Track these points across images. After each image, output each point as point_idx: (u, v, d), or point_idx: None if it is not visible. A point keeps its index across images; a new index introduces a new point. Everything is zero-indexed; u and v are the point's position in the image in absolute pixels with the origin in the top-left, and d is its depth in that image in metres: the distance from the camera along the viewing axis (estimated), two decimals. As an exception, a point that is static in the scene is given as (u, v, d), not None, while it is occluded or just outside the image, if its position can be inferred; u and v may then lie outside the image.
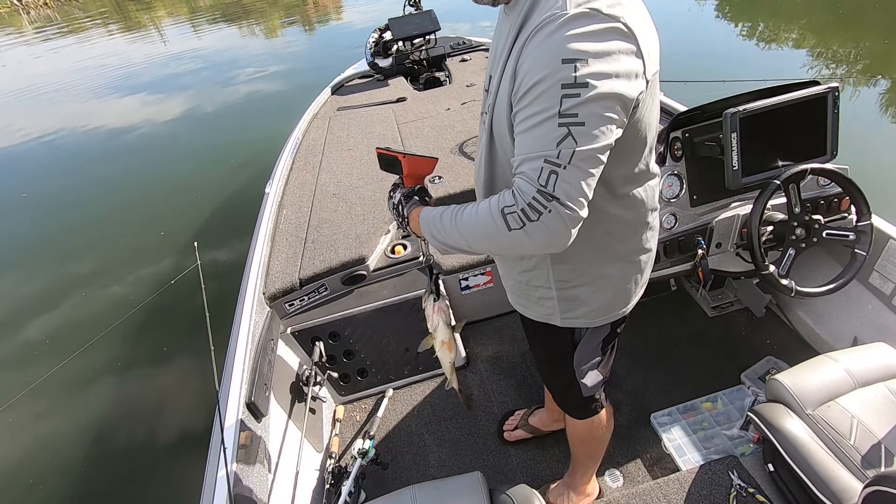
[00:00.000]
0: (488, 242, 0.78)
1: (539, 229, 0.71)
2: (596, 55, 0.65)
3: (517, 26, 0.75)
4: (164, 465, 2.39)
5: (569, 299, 0.98)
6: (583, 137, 0.68)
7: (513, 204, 0.72)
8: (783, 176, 1.37)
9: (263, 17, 13.48)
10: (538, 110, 0.69)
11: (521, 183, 0.72)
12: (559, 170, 0.69)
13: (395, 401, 1.97)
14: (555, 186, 0.69)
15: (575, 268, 0.94)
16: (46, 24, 17.42)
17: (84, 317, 3.53)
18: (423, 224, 0.87)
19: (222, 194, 4.65)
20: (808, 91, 1.41)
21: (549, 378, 1.28)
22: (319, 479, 1.66)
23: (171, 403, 2.72)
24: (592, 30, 0.66)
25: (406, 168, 0.93)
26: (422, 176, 0.97)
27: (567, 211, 0.70)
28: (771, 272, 1.40)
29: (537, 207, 0.70)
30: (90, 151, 6.48)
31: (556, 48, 0.66)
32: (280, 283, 1.90)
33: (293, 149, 2.91)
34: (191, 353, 2.95)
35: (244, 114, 6.90)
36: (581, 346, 1.07)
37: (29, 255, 4.37)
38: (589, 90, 0.66)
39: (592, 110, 0.67)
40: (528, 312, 1.07)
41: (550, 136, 0.68)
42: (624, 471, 1.63)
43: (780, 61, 5.86)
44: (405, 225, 0.94)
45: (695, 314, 2.14)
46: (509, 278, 1.06)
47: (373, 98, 3.56)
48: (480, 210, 0.77)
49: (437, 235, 0.85)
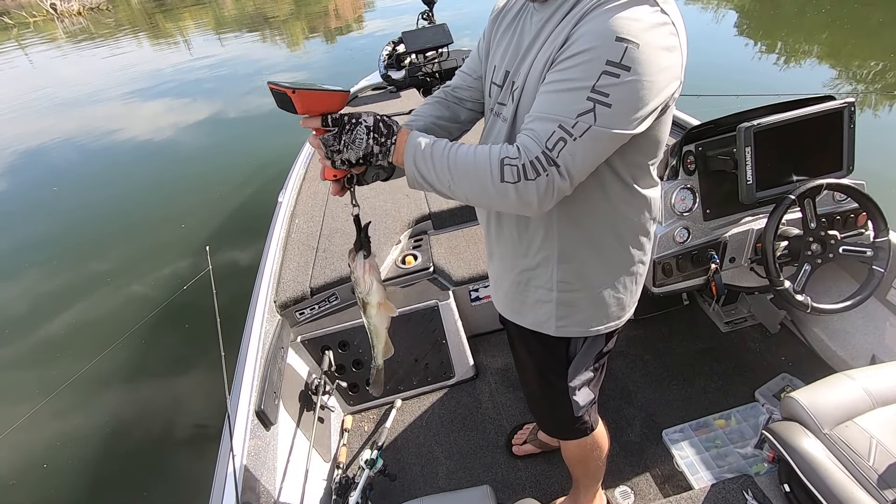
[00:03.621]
0: (472, 185, 0.75)
1: (529, 189, 0.71)
2: (647, 44, 0.66)
3: (563, 12, 0.74)
4: (172, 466, 2.40)
5: (567, 304, 0.96)
6: (604, 118, 0.68)
7: (516, 157, 0.71)
8: (798, 191, 1.36)
9: (287, 28, 13.77)
10: (573, 77, 0.69)
11: (526, 140, 0.72)
12: (569, 139, 0.69)
13: (404, 412, 1.96)
14: (559, 153, 0.69)
15: (580, 270, 0.92)
16: (80, 31, 17.95)
17: (102, 316, 3.62)
18: (409, 148, 0.77)
19: (237, 198, 4.78)
20: (823, 106, 1.40)
21: (536, 397, 1.23)
22: (327, 490, 1.66)
23: (181, 407, 2.74)
24: (652, 21, 0.67)
25: (300, 106, 0.74)
26: (323, 112, 0.78)
27: (561, 180, 0.70)
28: (786, 288, 1.39)
29: (537, 168, 0.70)
30: (116, 152, 6.80)
31: (613, 24, 0.66)
32: (291, 292, 1.91)
33: (307, 159, 2.94)
34: (202, 357, 2.97)
35: (262, 120, 7.05)
36: (576, 361, 1.05)
37: (56, 247, 4.62)
38: (630, 74, 0.66)
39: (625, 95, 0.67)
40: (521, 319, 1.04)
41: (574, 105, 0.68)
42: (635, 488, 1.60)
43: (795, 76, 5.83)
44: (386, 151, 0.78)
45: (707, 329, 2.11)
46: (505, 279, 1.03)
47: (386, 109, 3.60)
48: (479, 152, 0.75)
49: (421, 164, 0.77)
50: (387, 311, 0.90)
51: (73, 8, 21.31)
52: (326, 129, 0.77)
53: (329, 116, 0.76)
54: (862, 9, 7.75)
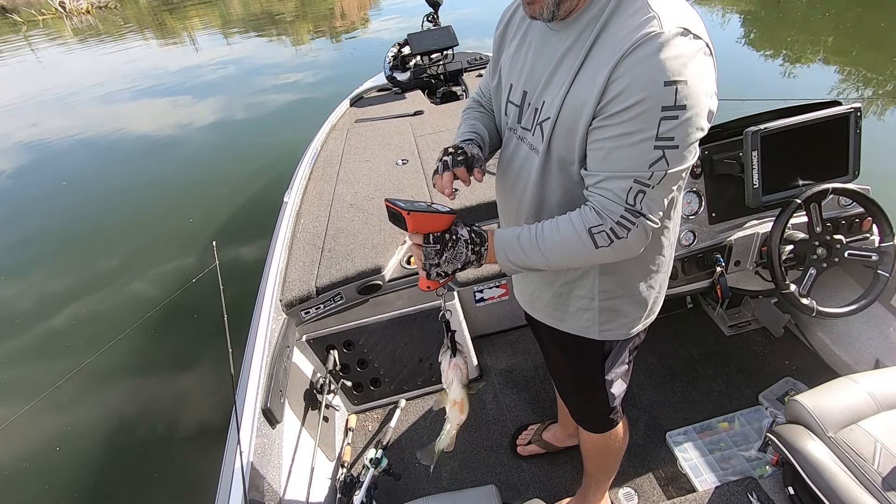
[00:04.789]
0: (569, 259, 0.82)
1: (625, 244, 0.76)
2: (693, 77, 0.67)
3: (587, 42, 0.74)
4: (178, 461, 2.42)
5: (609, 310, 0.98)
6: (675, 160, 0.71)
7: (600, 224, 0.75)
8: (805, 195, 1.36)
9: (293, 28, 13.82)
10: (633, 130, 0.70)
11: (604, 202, 0.75)
12: (647, 189, 0.72)
13: (408, 411, 1.97)
14: (641, 204, 0.73)
15: (620, 279, 0.95)
16: (88, 28, 18.04)
17: (109, 308, 3.66)
18: (498, 247, 0.84)
19: (243, 194, 4.83)
20: (830, 111, 1.41)
21: (572, 392, 1.26)
22: (331, 488, 1.66)
23: (186, 400, 2.76)
24: (690, 51, 0.68)
25: (411, 226, 0.80)
26: (429, 231, 0.83)
27: (651, 224, 0.75)
28: (792, 291, 1.39)
29: (625, 224, 0.74)
30: (124, 148, 6.91)
31: (658, 69, 0.66)
32: (297, 291, 1.92)
33: (312, 159, 2.95)
34: (207, 351, 2.99)
35: (267, 118, 7.11)
36: (612, 356, 1.07)
37: (64, 240, 4.70)
38: (687, 112, 0.68)
39: (687, 132, 0.70)
40: (563, 325, 1.05)
41: (644, 157, 0.71)
42: (638, 489, 1.61)
43: (800, 81, 5.83)
44: (480, 257, 0.84)
45: (711, 332, 2.12)
46: (546, 292, 1.03)
47: (390, 111, 3.61)
48: (563, 229, 0.79)
49: (514, 257, 0.83)
50: (459, 411, 0.96)
51: (81, 6, 21.36)
52: (428, 244, 0.82)
53: (431, 235, 0.82)
54: (867, 14, 7.74)
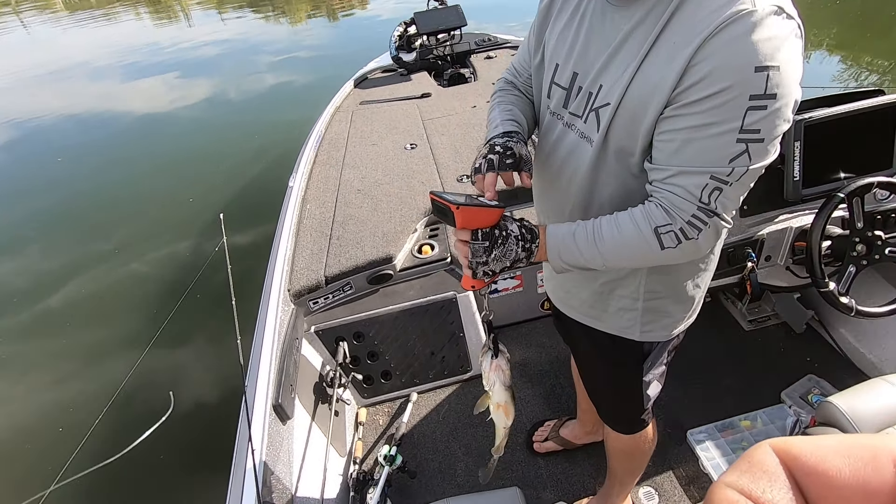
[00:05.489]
0: (630, 260, 0.76)
1: (694, 245, 0.69)
2: (786, 62, 0.60)
3: (660, 19, 0.65)
4: (186, 456, 2.36)
5: (652, 311, 0.92)
6: (758, 154, 0.64)
7: (668, 223, 0.68)
8: (848, 189, 1.30)
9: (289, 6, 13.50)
10: (714, 121, 0.63)
11: (675, 199, 0.68)
12: (725, 187, 0.65)
13: (420, 405, 1.92)
14: (716, 202, 0.66)
15: (668, 279, 0.88)
16: (79, 2, 17.52)
17: (107, 288, 3.61)
18: (551, 245, 0.77)
19: (246, 173, 4.73)
20: (875, 101, 1.34)
21: (605, 392, 1.20)
22: (343, 485, 1.61)
23: (195, 392, 2.69)
24: (784, 33, 0.60)
25: (460, 221, 0.76)
26: (477, 227, 0.79)
27: (724, 224, 0.69)
28: (831, 290, 1.33)
29: (697, 225, 0.67)
30: (119, 124, 6.81)
31: (749, 53, 0.59)
32: (305, 281, 1.84)
33: (316, 142, 2.85)
34: (214, 339, 2.94)
35: (266, 98, 7.02)
36: (652, 357, 1.01)
37: (60, 218, 4.63)
38: (777, 101, 0.61)
39: (774, 124, 0.62)
40: (600, 325, 0.99)
41: (725, 151, 0.63)
42: (659, 489, 1.57)
43: (836, 69, 5.72)
44: (530, 255, 0.77)
45: (731, 328, 2.07)
46: (584, 289, 0.97)
47: (396, 93, 3.50)
48: (624, 228, 0.72)
49: (567, 256, 0.76)
50: (504, 414, 0.91)
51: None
52: (476, 241, 0.76)
53: (480, 231, 0.76)
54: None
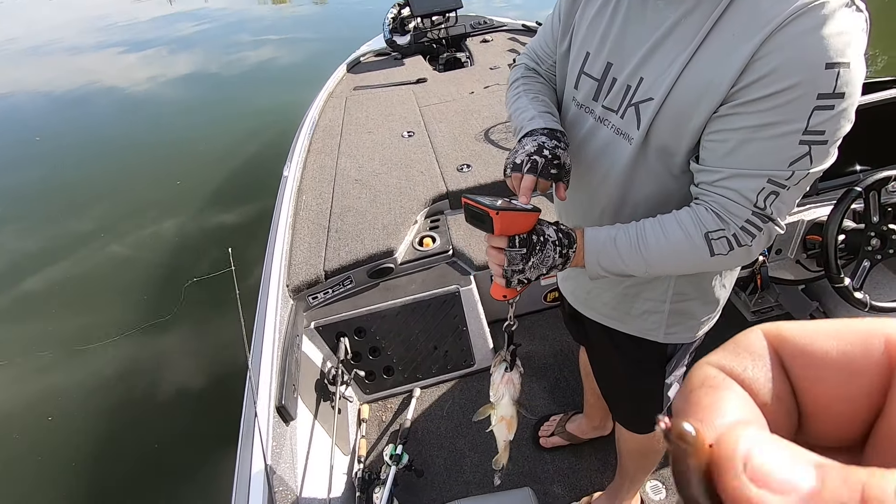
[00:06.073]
0: (677, 267, 0.71)
1: (746, 252, 0.65)
2: (856, 59, 0.56)
3: (715, 9, 0.61)
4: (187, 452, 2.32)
5: (679, 313, 0.89)
6: (819, 157, 0.60)
7: (720, 229, 0.64)
8: (866, 182, 1.27)
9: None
10: (776, 120, 0.58)
11: (727, 203, 0.63)
12: (782, 191, 0.61)
13: (423, 401, 1.89)
14: (772, 207, 0.62)
15: (696, 279, 0.85)
16: None
17: (95, 271, 3.53)
18: (590, 251, 0.72)
19: (235, 158, 4.61)
20: (893, 92, 1.31)
21: (622, 393, 1.17)
22: (348, 483, 1.59)
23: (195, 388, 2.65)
24: (855, 27, 0.56)
25: (499, 228, 0.70)
26: (515, 233, 0.74)
27: (778, 229, 0.65)
28: (846, 285, 1.32)
29: (750, 230, 0.63)
30: (97, 103, 6.63)
31: (820, 48, 0.55)
32: (304, 275, 1.79)
33: (310, 129, 2.77)
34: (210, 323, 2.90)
35: (253, 78, 6.86)
36: (676, 359, 0.99)
37: (37, 198, 4.49)
38: (843, 101, 0.56)
39: (839, 125, 0.58)
40: (624, 327, 0.96)
41: (786, 153, 0.59)
42: (666, 482, 1.56)
43: None
44: (566, 260, 0.73)
45: (733, 318, 2.06)
46: (608, 291, 0.93)
47: (391, 77, 3.41)
48: (671, 234, 0.67)
49: (607, 262, 0.72)
50: (507, 428, 0.88)
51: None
52: (512, 248, 0.71)
53: (517, 237, 0.71)
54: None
